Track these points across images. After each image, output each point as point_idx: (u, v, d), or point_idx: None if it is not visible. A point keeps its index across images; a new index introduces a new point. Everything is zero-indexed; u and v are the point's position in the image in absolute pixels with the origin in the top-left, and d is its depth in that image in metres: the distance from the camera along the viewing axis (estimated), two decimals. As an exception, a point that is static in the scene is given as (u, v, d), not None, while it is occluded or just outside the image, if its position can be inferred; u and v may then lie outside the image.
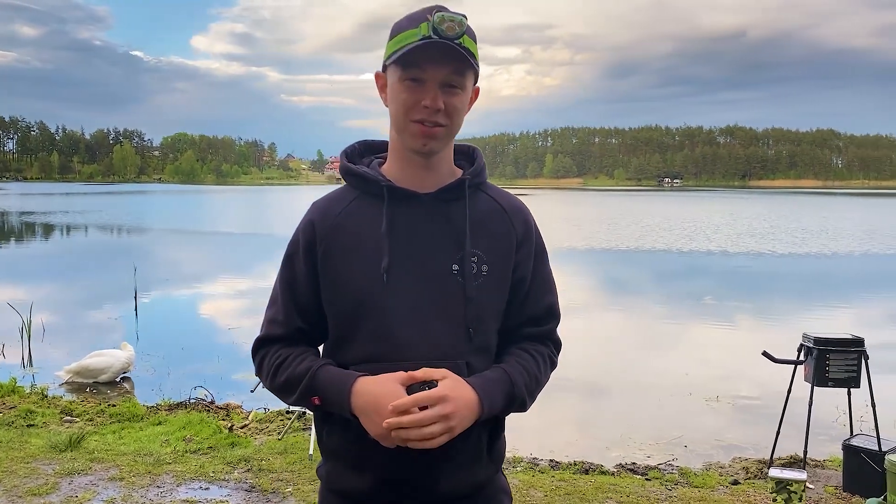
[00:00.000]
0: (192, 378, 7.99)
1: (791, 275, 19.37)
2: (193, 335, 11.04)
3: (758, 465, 5.47)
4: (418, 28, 1.44)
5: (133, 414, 6.35)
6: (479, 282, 1.51)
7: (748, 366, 8.93)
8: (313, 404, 1.48)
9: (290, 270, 1.58)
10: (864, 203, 74.10)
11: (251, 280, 17.15)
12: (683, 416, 7.07)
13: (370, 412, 1.40)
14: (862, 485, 4.74)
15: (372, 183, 1.55)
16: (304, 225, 1.59)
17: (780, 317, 12.88)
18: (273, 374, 1.54)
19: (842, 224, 38.42)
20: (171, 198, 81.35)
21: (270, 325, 1.59)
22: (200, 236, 30.39)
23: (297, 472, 4.86)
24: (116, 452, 5.18)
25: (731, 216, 46.10)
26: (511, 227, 1.59)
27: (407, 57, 1.45)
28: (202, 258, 23.00)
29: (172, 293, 15.34)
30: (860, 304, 14.31)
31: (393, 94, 1.51)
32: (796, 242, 27.25)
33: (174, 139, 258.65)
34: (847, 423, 6.43)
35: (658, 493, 4.76)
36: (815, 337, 4.95)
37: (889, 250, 24.44)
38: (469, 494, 1.54)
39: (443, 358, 1.46)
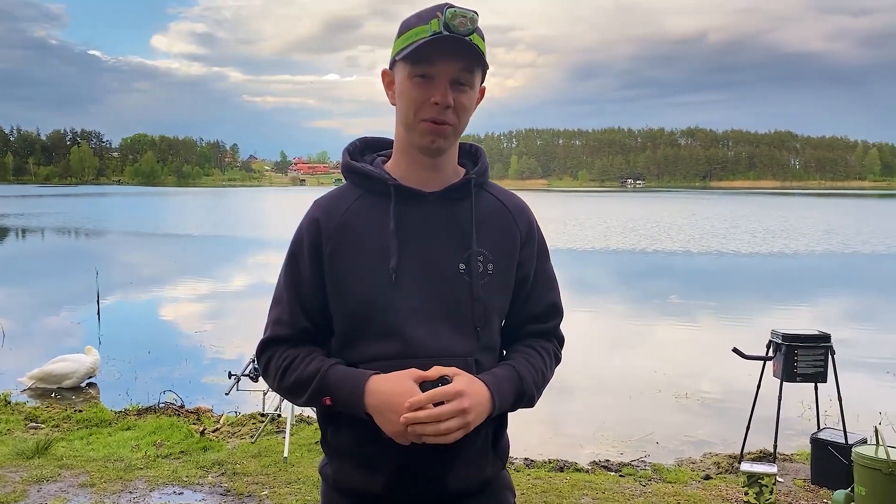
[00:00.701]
0: (160, 382, 7.88)
1: (754, 274, 19.74)
2: (159, 339, 10.85)
3: (728, 460, 5.57)
4: (429, 24, 1.44)
5: (101, 419, 6.23)
6: (485, 281, 1.52)
7: (714, 363, 9.09)
8: (324, 405, 1.47)
9: (294, 270, 1.56)
10: (820, 203, 75.84)
11: (215, 283, 16.95)
12: (654, 414, 7.16)
13: (385, 410, 1.39)
14: (830, 477, 4.85)
15: (378, 181, 1.54)
16: (308, 223, 1.55)
17: (744, 315, 13.12)
18: (281, 376, 1.52)
19: (801, 224, 39.27)
20: (131, 200, 79.97)
21: (276, 325, 1.56)
22: (162, 239, 29.92)
23: (273, 476, 4.82)
24: (85, 458, 5.08)
25: (693, 216, 46.82)
26: (515, 226, 1.60)
27: (417, 53, 1.44)
28: (164, 261, 22.64)
29: (135, 297, 15.09)
30: (821, 302, 14.65)
31: (401, 92, 1.50)
32: (758, 242, 27.79)
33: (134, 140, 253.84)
34: (812, 418, 6.59)
35: (633, 490, 4.82)
36: (783, 333, 5.05)
37: (847, 249, 25.05)
38: (477, 491, 1.54)
39: (452, 356, 1.47)
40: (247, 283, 17.01)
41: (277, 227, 38.45)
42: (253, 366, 5.35)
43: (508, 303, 1.59)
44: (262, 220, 43.95)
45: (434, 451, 1.42)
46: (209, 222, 41.04)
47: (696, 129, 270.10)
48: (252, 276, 18.38)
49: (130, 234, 32.48)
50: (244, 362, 8.29)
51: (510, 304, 1.60)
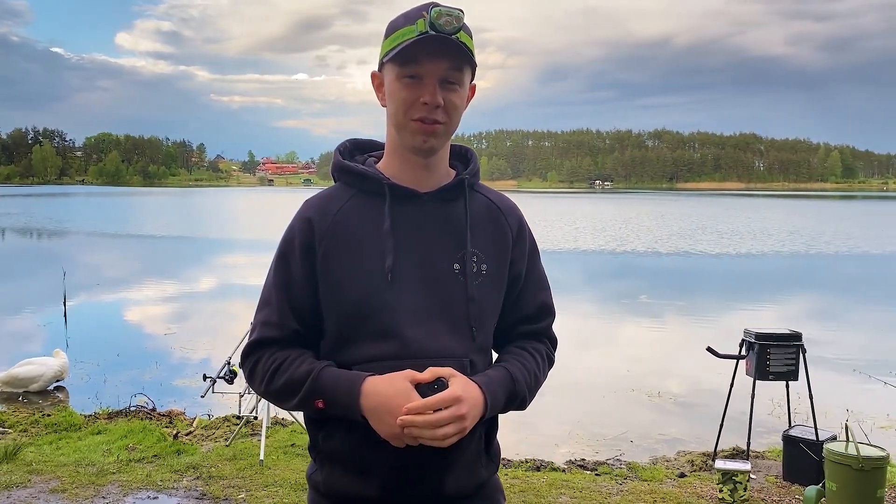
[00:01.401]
0: (130, 385, 7.76)
1: (722, 274, 20.04)
2: (128, 341, 10.68)
3: (702, 458, 5.64)
4: (415, 24, 1.43)
5: (70, 423, 6.11)
6: (479, 281, 1.52)
7: (684, 362, 9.22)
8: (316, 408, 1.44)
9: (284, 270, 1.52)
10: (784, 204, 77.22)
11: (182, 284, 16.74)
12: (627, 413, 7.23)
13: (381, 412, 1.37)
14: (801, 473, 4.93)
15: (372, 181, 1.52)
16: (299, 223, 1.53)
17: (714, 314, 13.31)
18: (269, 379, 1.49)
19: (767, 225, 39.95)
20: (95, 200, 78.57)
21: (264, 327, 1.52)
22: (127, 240, 29.45)
23: (249, 479, 4.77)
24: (56, 464, 4.98)
25: (661, 217, 47.37)
26: (507, 226, 1.60)
27: (404, 53, 1.44)
28: (130, 262, 22.30)
29: (102, 298, 14.84)
30: (788, 301, 14.90)
31: (391, 93, 1.50)
32: (725, 243, 28.20)
33: (98, 139, 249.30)
34: (781, 415, 6.72)
35: (609, 488, 4.86)
36: (756, 332, 5.13)
37: (811, 250, 25.53)
38: (471, 494, 1.53)
39: (448, 356, 1.46)
40: (214, 285, 16.84)
41: (245, 227, 38.12)
42: (228, 368, 5.28)
43: (501, 303, 1.59)
44: (230, 221, 43.49)
45: (429, 455, 1.41)
46: (176, 223, 40.48)
47: (662, 131, 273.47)
48: (219, 277, 18.19)
49: (95, 234, 31.91)
50: (216, 364, 8.21)
51: (503, 304, 1.60)
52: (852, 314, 13.74)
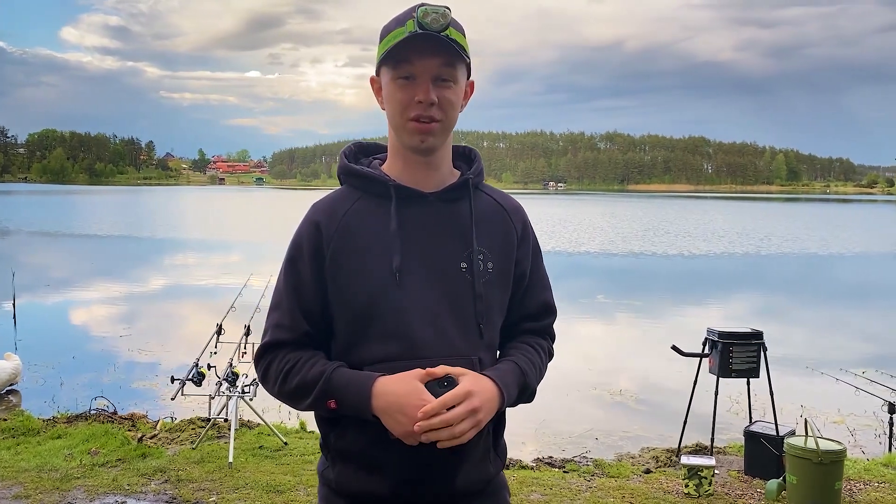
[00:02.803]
0: (88, 388, 7.59)
1: (677, 274, 20.46)
2: (82, 343, 10.43)
3: (666, 454, 5.77)
4: (405, 26, 1.46)
5: (28, 428, 5.95)
6: (485, 279, 1.54)
7: (643, 361, 9.41)
8: (328, 408, 1.46)
9: (294, 274, 1.54)
10: (732, 206, 79.09)
11: (134, 285, 16.43)
12: (590, 411, 7.36)
13: (394, 412, 1.40)
14: (762, 468, 5.09)
15: (378, 183, 1.54)
16: (307, 227, 1.55)
17: (669, 314, 13.58)
18: (283, 380, 1.51)
19: (717, 226, 40.90)
20: (38, 198, 76.25)
21: (276, 329, 1.54)
22: (73, 239, 28.68)
23: (219, 481, 4.71)
24: (16, 469, 4.84)
25: (613, 218, 48.09)
26: (511, 226, 1.63)
27: (395, 54, 1.47)
28: (77, 262, 21.74)
29: (50, 299, 14.43)
30: (741, 300, 15.30)
31: (387, 95, 1.52)
32: (680, 244, 28.76)
33: (41, 136, 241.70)
34: (739, 412, 6.93)
35: (578, 485, 4.94)
36: (719, 331, 5.27)
37: (761, 250, 26.24)
38: (480, 490, 1.56)
39: (457, 355, 1.48)
40: (165, 285, 16.60)
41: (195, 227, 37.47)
42: (196, 370, 5.21)
43: (507, 301, 1.62)
44: (179, 221, 42.70)
45: (440, 453, 1.43)
46: (123, 222, 39.55)
47: (614, 134, 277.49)
48: (170, 277, 17.92)
49: (39, 234, 31.00)
50: (173, 366, 8.08)
51: (508, 302, 1.63)
52: (801, 313, 14.19)
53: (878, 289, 17.80)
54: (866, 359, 9.53)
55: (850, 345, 11.00)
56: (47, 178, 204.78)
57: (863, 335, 11.88)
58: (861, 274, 21.02)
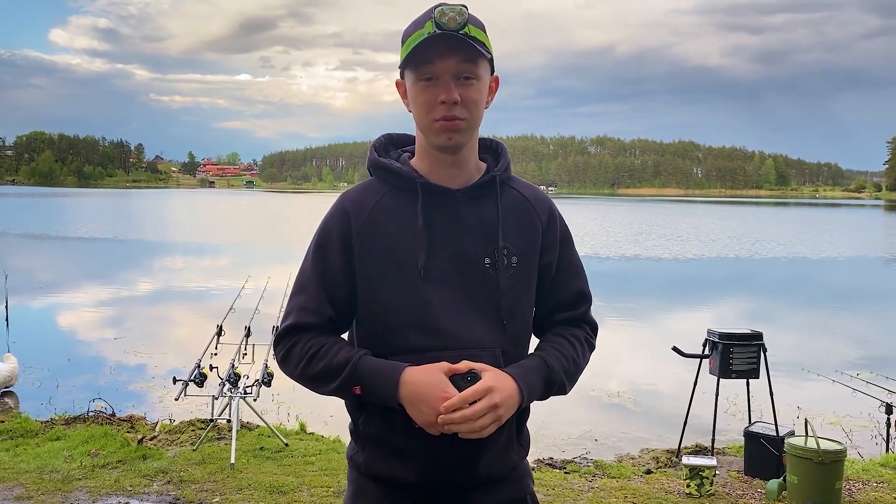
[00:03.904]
0: (85, 390, 7.56)
1: (670, 277, 20.54)
2: (77, 346, 10.38)
3: (666, 455, 5.79)
4: (423, 28, 1.48)
5: (26, 430, 5.92)
6: (510, 273, 1.57)
7: (639, 363, 9.45)
8: (354, 394, 1.49)
9: (322, 259, 1.57)
10: (723, 210, 79.46)
11: (127, 288, 16.39)
12: (589, 412, 7.38)
13: (417, 401, 1.43)
14: (762, 468, 5.12)
15: (405, 179, 1.57)
16: (338, 215, 1.58)
17: (664, 317, 13.64)
18: (307, 363, 1.53)
19: (708, 230, 41.08)
20: (27, 201, 75.76)
21: (301, 312, 1.56)
22: (64, 242, 28.51)
23: (221, 482, 4.70)
24: (17, 471, 4.82)
25: (605, 222, 48.22)
26: (536, 217, 1.64)
27: (416, 56, 1.49)
28: (69, 265, 21.66)
29: (44, 302, 14.35)
30: (735, 303, 15.38)
31: (412, 97, 1.54)
32: (673, 248, 28.87)
33: (30, 138, 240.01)
34: (737, 413, 6.97)
35: (581, 485, 4.96)
36: (719, 332, 5.31)
37: (754, 255, 26.38)
38: (503, 477, 1.60)
39: (480, 347, 1.51)
40: (156, 288, 16.57)
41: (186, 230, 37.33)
42: (198, 371, 5.20)
43: (534, 293, 1.63)
44: (169, 224, 42.54)
45: (463, 442, 1.46)
46: (112, 225, 39.37)
47: (604, 138, 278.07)
48: (161, 280, 17.88)
49: (28, 236, 30.80)
50: (169, 368, 8.05)
51: (537, 293, 1.64)
52: (794, 316, 14.27)
53: (868, 292, 17.94)
54: (860, 361, 9.61)
55: (843, 348, 11.07)
56: (36, 181, 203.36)
57: (855, 338, 11.96)
58: (852, 278, 21.18)
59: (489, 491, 1.57)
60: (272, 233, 35.64)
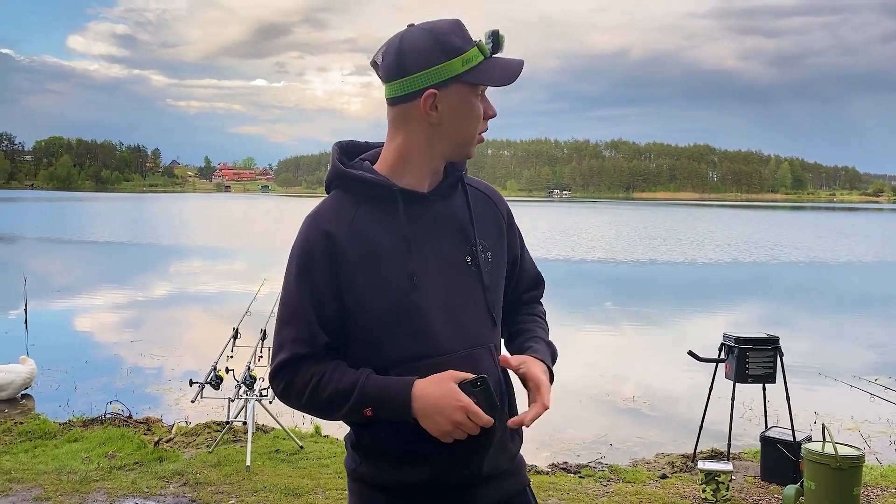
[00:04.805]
0: (102, 392, 7.63)
1: (686, 281, 20.43)
2: (94, 348, 10.48)
3: (682, 460, 5.76)
4: (476, 46, 1.53)
5: (44, 431, 5.99)
6: (488, 268, 1.62)
7: (654, 368, 9.40)
8: (365, 416, 1.49)
9: (308, 285, 1.52)
10: (739, 214, 78.99)
11: (143, 291, 16.52)
12: (603, 417, 7.36)
13: (433, 414, 1.44)
14: (778, 473, 5.08)
15: (381, 187, 1.55)
16: (318, 237, 1.53)
17: (679, 321, 13.57)
18: (311, 394, 1.51)
19: (725, 234, 40.84)
20: (45, 205, 76.57)
21: (295, 344, 1.53)
22: (80, 246, 28.78)
23: (237, 484, 4.73)
24: (35, 472, 4.87)
25: (622, 226, 48.06)
26: (499, 213, 1.71)
27: (487, 76, 1.54)
28: (86, 268, 21.86)
29: (62, 305, 14.48)
30: (752, 308, 15.27)
31: (465, 110, 1.55)
32: (689, 252, 28.73)
33: (48, 143, 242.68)
34: (752, 418, 6.92)
35: (595, 490, 4.94)
36: (735, 336, 5.28)
37: (772, 259, 26.18)
38: (505, 469, 1.63)
39: (477, 345, 1.56)
40: (173, 292, 16.68)
41: (202, 234, 37.57)
42: (214, 374, 5.23)
43: (504, 284, 1.72)
44: (186, 228, 42.85)
45: (469, 441, 1.49)
46: (129, 229, 39.73)
47: (619, 142, 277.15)
48: (176, 284, 18.01)
49: (46, 240, 31.12)
50: (187, 371, 8.11)
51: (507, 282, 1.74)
52: (811, 321, 14.16)
53: (887, 297, 17.75)
54: (879, 366, 9.52)
55: (861, 352, 10.96)
56: (54, 185, 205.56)
57: (874, 343, 11.83)
58: (870, 282, 20.98)
59: (492, 485, 1.60)
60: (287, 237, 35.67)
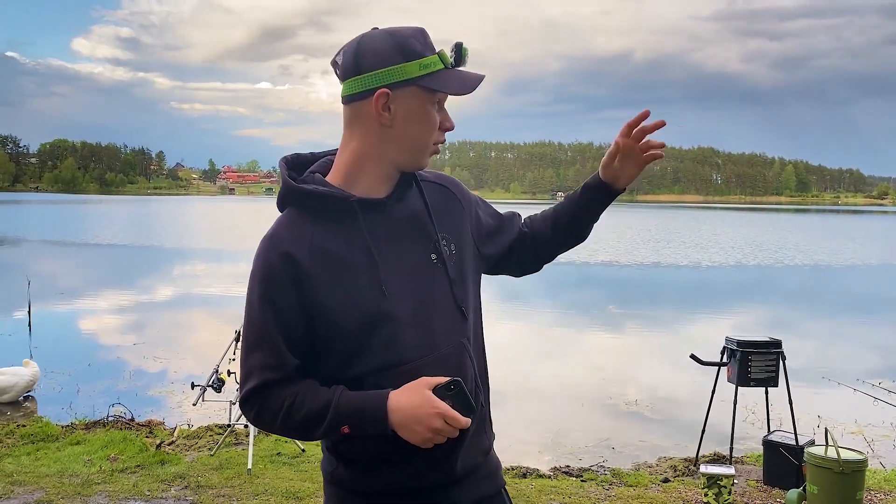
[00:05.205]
0: (104, 395, 7.64)
1: (690, 284, 20.40)
2: (97, 351, 10.48)
3: (684, 464, 5.74)
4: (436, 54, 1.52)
5: (47, 434, 5.99)
6: (453, 261, 1.61)
7: (657, 371, 9.38)
8: (342, 433, 1.48)
9: (273, 309, 1.50)
10: (743, 217, 78.84)
11: (146, 294, 16.51)
12: (606, 420, 7.34)
13: (411, 424, 1.43)
14: (781, 477, 5.06)
15: (338, 199, 1.53)
16: (277, 259, 1.50)
17: (682, 324, 13.53)
18: (285, 416, 1.50)
19: (730, 237, 40.76)
20: (49, 208, 76.77)
21: (264, 371, 1.51)
22: (84, 248, 28.84)
23: (239, 487, 4.73)
24: (37, 474, 4.88)
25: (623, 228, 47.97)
26: (454, 198, 1.70)
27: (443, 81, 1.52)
28: (90, 271, 21.88)
29: (65, 308, 14.51)
30: (757, 310, 15.24)
31: (419, 115, 1.53)
32: (693, 255, 28.68)
33: (53, 146, 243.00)
34: (755, 421, 6.90)
35: (597, 493, 4.93)
36: (737, 340, 5.26)
37: (778, 263, 26.11)
38: (478, 465, 1.62)
39: (448, 344, 1.55)
40: (176, 294, 16.67)
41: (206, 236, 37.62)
42: (216, 376, 5.24)
43: (479, 267, 1.72)
44: (190, 230, 42.91)
45: (448, 441, 1.48)
46: (134, 231, 39.79)
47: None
48: (180, 286, 18.01)
49: (50, 243, 31.19)
50: (189, 375, 8.10)
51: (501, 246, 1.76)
52: (815, 324, 14.12)
53: (891, 300, 17.69)
54: (882, 370, 9.49)
55: (865, 356, 10.93)
56: (58, 188, 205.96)
57: (878, 346, 11.80)
58: (874, 285, 20.91)
59: (467, 485, 1.59)
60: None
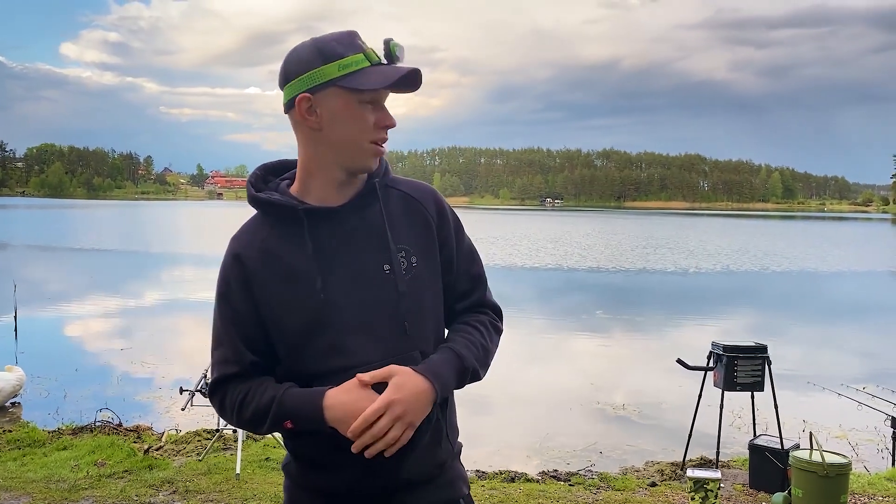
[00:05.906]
0: (91, 400, 7.59)
1: (677, 290, 20.50)
2: (84, 357, 10.44)
3: (671, 468, 5.79)
4: (362, 53, 1.51)
5: (33, 439, 5.96)
6: (411, 275, 1.58)
7: (644, 376, 9.43)
8: (286, 428, 1.52)
9: (228, 308, 1.58)
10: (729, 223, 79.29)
11: (133, 299, 16.49)
12: (593, 425, 7.38)
13: (348, 419, 1.46)
14: (766, 481, 5.11)
15: (286, 208, 1.56)
16: (230, 261, 1.58)
17: (669, 330, 13.61)
18: (238, 410, 1.56)
19: (715, 243, 40.99)
20: (36, 213, 76.23)
21: (222, 365, 1.59)
22: (71, 253, 28.68)
23: (227, 492, 4.73)
24: (24, 480, 4.86)
25: (610, 234, 48.19)
26: (425, 212, 1.65)
27: (378, 81, 1.51)
28: (77, 276, 21.73)
29: (51, 313, 14.42)
30: (742, 316, 15.34)
31: (347, 116, 1.53)
32: (681, 261, 28.82)
33: (40, 150, 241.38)
34: (741, 426, 6.96)
35: (585, 497, 4.96)
36: (724, 345, 5.32)
37: (763, 270, 26.28)
38: (432, 477, 1.61)
39: (393, 355, 1.53)
40: (164, 299, 16.63)
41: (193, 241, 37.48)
42: (205, 381, 5.23)
43: (442, 286, 1.66)
44: (177, 235, 42.74)
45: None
46: (121, 236, 39.58)
47: (611, 151, 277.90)
48: (168, 291, 17.98)
49: (37, 248, 30.99)
50: (176, 379, 8.08)
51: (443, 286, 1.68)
52: (800, 329, 14.22)
53: (875, 306, 17.86)
54: (866, 375, 9.57)
55: (849, 361, 11.03)
56: (45, 193, 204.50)
57: (862, 352, 11.91)
58: (859, 291, 21.09)
59: (416, 493, 1.59)
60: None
